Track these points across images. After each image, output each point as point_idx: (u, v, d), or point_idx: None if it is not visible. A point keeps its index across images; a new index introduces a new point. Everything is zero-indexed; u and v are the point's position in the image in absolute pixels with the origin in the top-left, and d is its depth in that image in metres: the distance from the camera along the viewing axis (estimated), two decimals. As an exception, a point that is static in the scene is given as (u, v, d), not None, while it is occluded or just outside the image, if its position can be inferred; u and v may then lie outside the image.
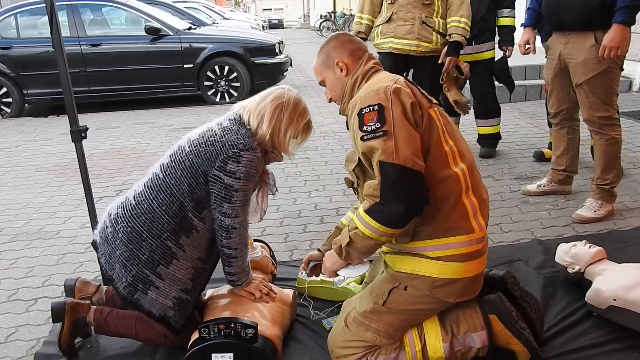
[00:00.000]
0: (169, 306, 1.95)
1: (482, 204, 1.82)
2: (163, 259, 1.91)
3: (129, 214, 1.94)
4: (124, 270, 1.93)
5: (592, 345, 1.99)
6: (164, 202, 1.91)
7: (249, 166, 1.88)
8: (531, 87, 6.31)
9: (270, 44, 7.75)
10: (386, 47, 3.49)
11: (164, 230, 1.91)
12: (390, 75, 1.84)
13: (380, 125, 1.67)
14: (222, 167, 1.87)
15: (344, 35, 2.00)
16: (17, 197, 3.99)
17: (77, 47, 6.87)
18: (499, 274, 2.00)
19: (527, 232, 3.00)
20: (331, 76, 1.95)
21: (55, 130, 6.07)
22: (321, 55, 1.98)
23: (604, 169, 3.03)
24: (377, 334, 1.84)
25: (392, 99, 1.70)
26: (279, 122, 1.96)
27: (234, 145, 1.88)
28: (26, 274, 2.80)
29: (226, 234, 1.93)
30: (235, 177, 1.87)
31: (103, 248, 1.99)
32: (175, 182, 1.91)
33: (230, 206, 1.89)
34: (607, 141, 2.98)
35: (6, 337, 2.26)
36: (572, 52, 2.95)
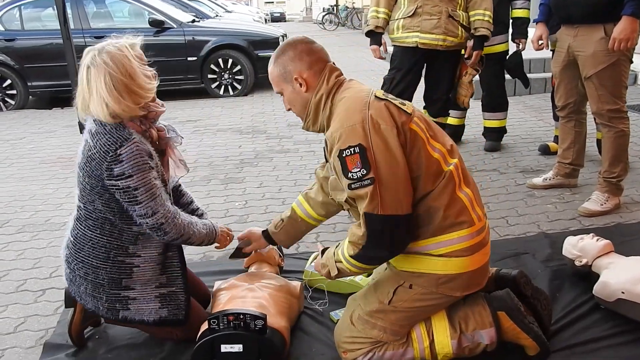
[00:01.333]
0: (158, 307, 1.95)
1: (475, 192, 1.82)
2: (124, 273, 1.91)
3: (73, 251, 1.94)
4: (96, 300, 1.94)
5: (599, 338, 1.99)
6: (95, 226, 1.89)
7: (134, 158, 1.77)
8: (535, 80, 6.29)
9: (273, 37, 7.74)
10: (411, 41, 3.43)
11: (109, 249, 1.89)
12: (359, 94, 1.75)
13: (366, 172, 1.62)
14: (110, 175, 1.77)
15: (302, 43, 1.84)
16: (22, 188, 4.00)
17: (82, 39, 6.85)
18: (511, 274, 1.98)
19: (534, 225, 3.00)
20: (289, 90, 1.84)
21: (59, 123, 6.08)
22: (277, 66, 1.83)
23: (612, 162, 3.03)
24: (384, 332, 1.84)
25: (371, 136, 1.63)
26: (116, 87, 1.77)
27: (108, 149, 1.76)
28: (34, 265, 2.81)
29: (161, 232, 1.86)
30: (127, 177, 1.76)
31: (72, 288, 2.00)
32: (91, 206, 1.87)
33: (141, 207, 1.81)
34: (615, 134, 2.98)
35: (15, 327, 2.27)
36: (581, 44, 2.94)
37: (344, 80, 1.85)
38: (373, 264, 1.81)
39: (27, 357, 2.08)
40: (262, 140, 5.00)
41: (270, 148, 4.75)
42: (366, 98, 1.73)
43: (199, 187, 3.87)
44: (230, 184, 3.93)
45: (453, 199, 1.73)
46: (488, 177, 3.75)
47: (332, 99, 1.80)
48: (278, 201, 3.53)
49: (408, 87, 3.54)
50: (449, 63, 3.54)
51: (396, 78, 3.54)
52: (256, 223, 3.20)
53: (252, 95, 7.29)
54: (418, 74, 3.60)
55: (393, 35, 3.55)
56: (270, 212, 3.31)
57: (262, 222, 3.17)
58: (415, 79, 3.59)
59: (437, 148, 1.75)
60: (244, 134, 5.23)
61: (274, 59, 1.85)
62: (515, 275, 1.97)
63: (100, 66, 1.78)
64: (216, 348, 1.84)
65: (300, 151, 4.60)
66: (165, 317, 1.97)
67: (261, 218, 3.28)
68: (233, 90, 7.39)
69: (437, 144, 1.77)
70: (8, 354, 2.11)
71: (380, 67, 8.47)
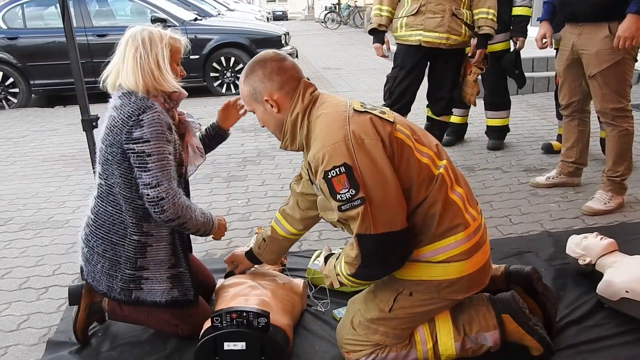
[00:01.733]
0: (169, 288, 1.99)
1: (468, 191, 1.79)
2: (139, 253, 1.94)
3: (94, 228, 1.98)
4: (111, 279, 1.97)
5: (603, 337, 1.99)
6: (115, 202, 1.93)
7: (154, 125, 1.83)
8: (539, 79, 6.28)
9: (276, 35, 7.73)
10: (414, 39, 3.42)
11: (127, 226, 1.93)
12: (336, 109, 1.68)
13: (355, 192, 1.56)
14: (128, 138, 1.83)
15: (272, 62, 1.75)
16: (25, 186, 4.00)
17: (84, 37, 6.86)
18: (525, 270, 1.97)
19: (537, 224, 3.00)
20: (261, 111, 1.79)
21: (62, 121, 6.08)
22: (247, 85, 1.77)
23: (616, 161, 3.02)
24: (386, 336, 1.82)
25: (356, 154, 1.56)
26: (146, 63, 1.88)
27: (130, 114, 1.84)
28: (37, 263, 2.82)
29: (158, 209, 1.86)
30: (145, 141, 1.82)
31: (87, 268, 2.03)
32: (113, 180, 1.91)
33: (148, 175, 1.83)
34: (619, 133, 2.97)
35: (18, 324, 2.28)
36: (585, 43, 2.93)
37: (318, 95, 1.78)
38: (373, 279, 1.80)
39: (30, 355, 2.08)
40: (264, 138, 5.00)
41: (273, 146, 4.75)
42: (344, 113, 1.66)
43: (201, 185, 3.87)
44: (233, 182, 3.93)
45: (447, 202, 1.69)
46: (491, 176, 3.75)
47: (309, 117, 1.74)
48: (280, 199, 3.52)
49: (411, 86, 3.53)
50: (453, 62, 3.53)
51: (399, 76, 3.54)
52: (259, 221, 3.20)
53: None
54: (421, 72, 3.59)
55: (396, 34, 3.54)
56: (273, 210, 3.30)
57: (264, 220, 3.17)
58: (418, 77, 3.58)
59: (425, 152, 1.71)
60: (247, 132, 5.23)
61: (243, 77, 1.79)
62: (529, 271, 1.96)
63: (137, 41, 1.89)
64: (219, 346, 1.84)
65: (303, 149, 4.59)
66: (177, 297, 2.00)
67: (263, 216, 3.28)
68: (235, 89, 7.38)
69: (424, 148, 1.72)
70: (11, 351, 2.11)
71: (383, 66, 8.46)
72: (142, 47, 1.89)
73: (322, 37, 16.01)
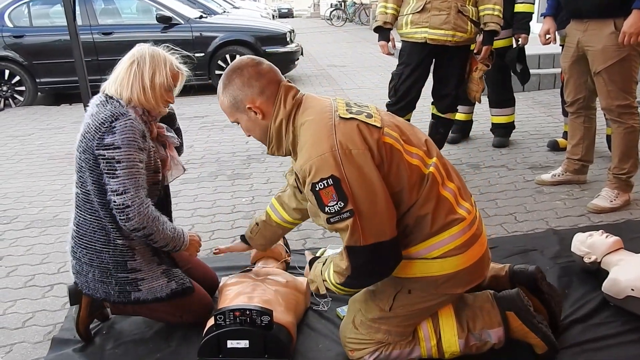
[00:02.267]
0: (166, 282, 2.01)
1: (460, 184, 1.77)
2: (127, 255, 1.96)
3: (77, 239, 1.99)
4: (106, 286, 1.98)
5: (608, 336, 1.97)
6: (92, 210, 1.94)
7: (127, 132, 1.84)
8: (545, 76, 6.24)
9: (281, 32, 7.72)
10: (420, 37, 3.41)
11: (109, 232, 1.94)
12: (321, 115, 1.65)
13: (343, 205, 1.54)
14: (100, 144, 1.83)
15: (249, 67, 1.72)
16: (31, 184, 4.02)
17: (89, 35, 6.88)
18: (529, 269, 1.96)
19: (542, 221, 2.98)
20: (245, 119, 1.75)
21: (67, 119, 6.10)
22: (227, 96, 1.73)
23: (622, 158, 3.00)
24: (388, 334, 1.82)
25: (344, 165, 1.54)
26: (140, 79, 1.91)
27: (104, 121, 1.85)
28: (42, 260, 2.83)
29: (124, 217, 1.85)
30: (115, 147, 1.83)
31: (79, 280, 2.04)
32: (88, 187, 1.91)
33: (116, 181, 1.83)
34: (625, 130, 2.95)
35: (23, 322, 2.29)
36: (590, 39, 2.91)
37: (301, 99, 1.74)
38: (362, 288, 1.82)
39: (35, 352, 2.09)
40: (269, 136, 4.99)
41: (277, 144, 4.74)
42: (330, 121, 1.62)
43: (206, 183, 3.87)
44: (238, 179, 3.93)
45: (439, 200, 1.67)
46: (496, 173, 3.73)
47: (294, 122, 1.71)
48: (285, 197, 3.53)
49: (416, 83, 3.52)
50: (458, 59, 3.52)
51: (404, 73, 3.52)
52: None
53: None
54: (426, 70, 3.58)
55: (402, 31, 3.53)
56: (277, 208, 3.30)
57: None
58: (424, 75, 3.57)
59: (415, 153, 1.68)
60: (251, 130, 5.22)
61: (221, 88, 1.76)
62: (533, 271, 1.95)
63: (137, 52, 1.94)
64: (222, 343, 1.84)
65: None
66: (175, 288, 2.02)
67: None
68: (240, 87, 7.38)
69: (414, 148, 1.69)
70: (16, 348, 2.12)
71: (389, 63, 8.43)
72: (142, 61, 1.91)
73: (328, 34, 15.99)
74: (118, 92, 1.92)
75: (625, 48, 2.78)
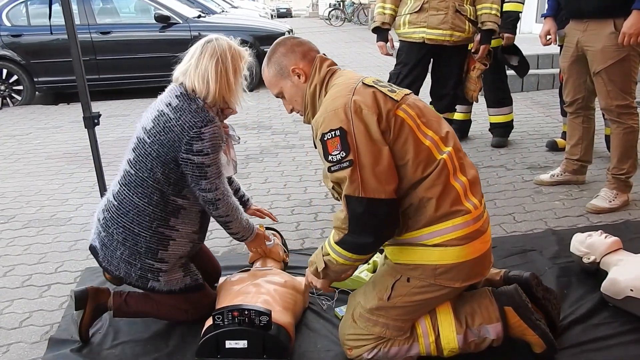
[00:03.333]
0: (182, 276, 2.08)
1: (472, 181, 1.78)
2: (161, 245, 2.01)
3: (115, 214, 2.01)
4: (130, 266, 2.02)
5: (608, 336, 1.97)
6: (144, 194, 1.98)
7: (214, 139, 1.93)
8: (543, 76, 6.24)
9: (279, 32, 7.71)
10: (417, 37, 3.41)
11: (153, 219, 1.98)
12: (348, 81, 1.77)
13: (345, 155, 1.63)
14: (188, 149, 1.91)
15: (290, 39, 1.90)
16: (29, 184, 4.00)
17: (88, 35, 6.86)
18: (523, 276, 1.95)
19: (541, 222, 2.98)
20: (289, 85, 1.86)
21: (65, 118, 6.09)
22: (272, 66, 1.87)
23: (620, 159, 2.99)
24: (386, 328, 1.82)
25: (353, 120, 1.64)
26: (225, 77, 1.97)
27: (193, 125, 1.91)
28: (39, 260, 2.82)
29: (213, 207, 2.01)
30: (204, 154, 1.92)
31: (103, 252, 2.06)
32: (148, 174, 1.96)
33: (207, 182, 1.96)
34: (624, 130, 2.95)
35: (20, 322, 2.28)
36: (590, 39, 2.90)
37: (336, 70, 1.86)
38: (359, 252, 1.74)
39: (32, 352, 2.08)
40: (267, 135, 4.99)
41: (276, 144, 4.74)
42: (354, 85, 1.73)
43: (204, 182, 3.86)
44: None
45: (447, 188, 1.70)
46: (495, 174, 3.73)
47: (326, 88, 1.82)
48: (283, 197, 3.52)
49: (414, 82, 3.52)
50: (456, 58, 3.51)
51: (402, 73, 3.52)
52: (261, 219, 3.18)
53: (258, 90, 7.26)
54: (424, 69, 3.57)
55: (399, 31, 3.52)
56: (276, 208, 3.29)
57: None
58: (422, 74, 3.56)
59: (429, 135, 1.73)
60: (250, 129, 5.22)
61: (267, 61, 1.88)
62: (528, 277, 1.94)
63: (218, 48, 1.97)
64: (221, 344, 1.84)
65: (306, 147, 4.58)
66: (189, 284, 2.08)
67: (266, 214, 3.27)
68: (239, 87, 7.37)
69: (430, 131, 1.74)
70: (13, 348, 2.11)
71: (387, 63, 8.42)
72: (224, 57, 1.97)
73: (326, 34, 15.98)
74: (201, 88, 1.95)
75: (625, 48, 2.78)
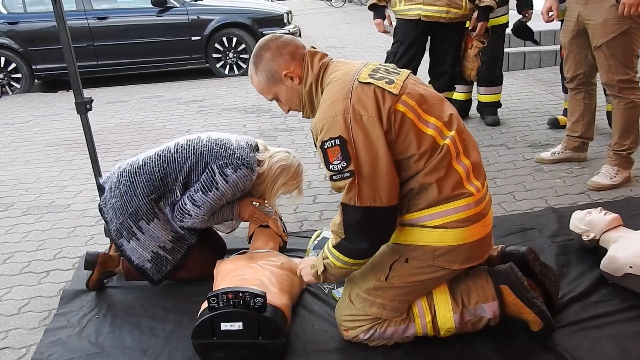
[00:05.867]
0: (147, 259, 2.20)
1: (475, 164, 1.75)
2: (145, 216, 2.18)
3: (134, 170, 2.22)
4: (114, 216, 2.22)
5: (607, 314, 1.96)
6: (163, 170, 2.19)
7: (241, 179, 2.16)
8: (545, 53, 6.15)
9: (278, 14, 7.63)
10: (413, 14, 3.37)
11: (153, 192, 2.18)
12: (344, 77, 1.69)
13: (346, 165, 1.60)
14: (221, 166, 2.13)
15: (273, 41, 1.79)
16: (28, 171, 4.00)
17: (84, 21, 6.81)
18: (520, 250, 1.94)
19: (541, 200, 2.95)
20: (283, 90, 1.81)
21: (64, 106, 6.06)
22: (261, 73, 1.79)
23: (622, 134, 2.95)
24: (383, 308, 1.81)
25: (352, 128, 1.59)
26: (274, 183, 2.26)
27: (240, 158, 2.16)
28: (38, 247, 2.82)
29: (180, 216, 2.18)
30: (224, 180, 2.13)
31: (106, 194, 2.28)
32: (181, 159, 2.18)
33: (202, 197, 2.13)
34: (625, 105, 2.90)
35: (19, 308, 2.28)
36: (591, 13, 2.85)
37: (329, 62, 1.79)
38: (356, 257, 1.72)
39: (31, 338, 2.09)
40: (266, 119, 4.95)
41: (275, 127, 4.71)
42: (350, 84, 1.66)
43: (202, 167, 3.84)
44: (234, 163, 3.90)
45: (449, 171, 1.67)
46: (495, 152, 3.69)
47: (322, 84, 1.76)
48: (282, 180, 3.50)
49: (412, 61, 3.47)
50: (453, 36, 3.46)
51: (399, 52, 3.49)
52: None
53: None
54: (421, 47, 3.52)
55: (395, 8, 3.47)
56: (274, 191, 3.27)
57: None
58: (419, 52, 3.52)
59: (432, 123, 1.68)
60: (249, 113, 5.18)
61: (254, 67, 1.80)
62: (525, 252, 1.93)
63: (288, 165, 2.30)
64: (216, 326, 1.83)
65: (305, 129, 4.55)
66: (146, 270, 2.22)
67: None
68: (238, 70, 7.32)
69: (432, 117, 1.69)
70: (12, 334, 2.12)
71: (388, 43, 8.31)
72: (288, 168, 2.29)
73: (327, 15, 15.79)
74: (265, 163, 2.22)
75: (626, 21, 2.72)
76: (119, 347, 1.98)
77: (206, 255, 2.33)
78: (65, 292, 2.33)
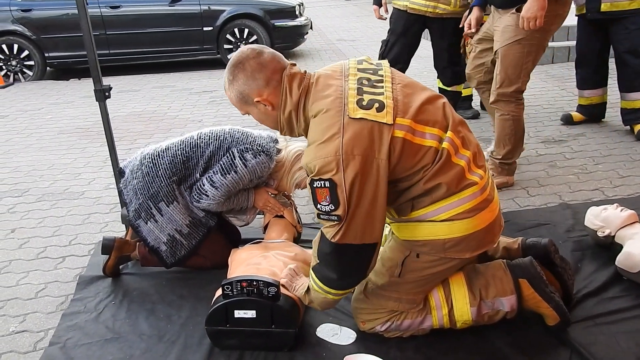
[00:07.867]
0: (163, 241, 2.25)
1: (475, 153, 1.72)
2: (166, 198, 2.23)
3: (157, 153, 2.28)
4: (134, 197, 2.26)
5: (622, 310, 1.96)
6: (186, 154, 2.26)
7: (259, 165, 2.22)
8: (558, 49, 6.10)
9: (290, 6, 7.60)
10: (401, 4, 3.43)
11: (175, 174, 2.24)
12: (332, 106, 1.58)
13: (333, 208, 1.53)
14: (242, 150, 2.20)
15: (250, 60, 1.66)
16: (41, 158, 4.03)
17: (97, 9, 6.81)
18: (542, 242, 1.94)
19: (555, 196, 2.94)
20: (255, 112, 1.74)
21: (77, 93, 6.09)
22: (233, 91, 1.71)
23: (497, 143, 2.97)
24: (399, 302, 1.81)
25: (344, 171, 1.51)
26: (291, 168, 2.31)
27: (260, 145, 2.23)
28: (53, 233, 2.85)
29: (197, 196, 2.23)
30: (244, 164, 2.19)
31: (126, 176, 2.33)
32: (203, 144, 2.26)
33: (220, 178, 2.19)
34: (501, 116, 2.90)
35: (36, 293, 2.31)
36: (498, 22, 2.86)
37: (308, 85, 1.67)
38: (328, 285, 1.69)
39: (48, 322, 2.12)
40: (278, 110, 4.95)
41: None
42: (339, 119, 1.55)
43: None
44: (247, 154, 3.90)
45: (450, 169, 1.63)
46: (508, 148, 3.67)
47: (304, 111, 1.67)
48: (294, 171, 3.51)
49: (402, 51, 3.53)
50: (446, 32, 3.46)
51: (390, 41, 3.58)
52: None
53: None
54: (414, 39, 3.55)
55: None
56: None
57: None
58: (409, 44, 3.54)
59: (428, 133, 1.62)
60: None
61: (227, 84, 1.72)
62: (546, 243, 1.93)
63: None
64: (230, 313, 1.85)
65: (317, 121, 4.54)
66: (161, 252, 2.26)
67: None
68: (250, 61, 7.30)
69: (427, 128, 1.62)
70: (30, 318, 2.14)
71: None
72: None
73: (338, 8, 15.73)
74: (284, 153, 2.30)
75: (523, 31, 2.69)
76: (135, 332, 2.00)
77: (221, 244, 2.35)
78: (82, 277, 2.36)
